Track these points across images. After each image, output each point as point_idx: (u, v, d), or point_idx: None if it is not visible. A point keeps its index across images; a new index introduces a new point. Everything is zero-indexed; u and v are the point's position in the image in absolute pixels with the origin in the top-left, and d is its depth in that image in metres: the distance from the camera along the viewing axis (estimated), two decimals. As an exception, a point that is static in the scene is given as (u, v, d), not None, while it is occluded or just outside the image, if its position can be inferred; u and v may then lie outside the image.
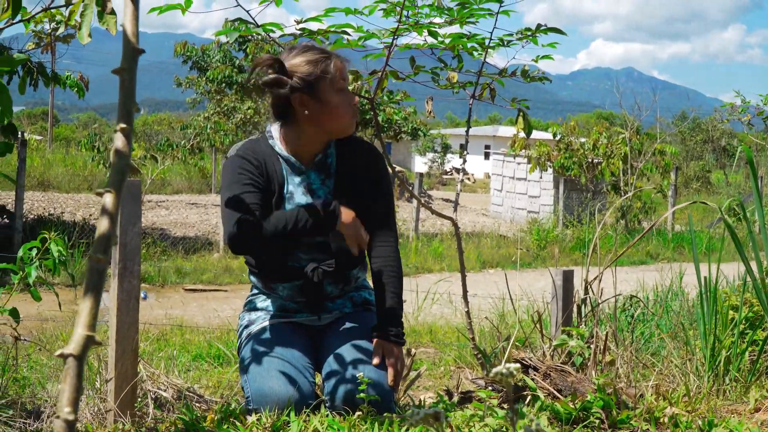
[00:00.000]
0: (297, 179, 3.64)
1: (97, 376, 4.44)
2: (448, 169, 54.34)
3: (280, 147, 3.67)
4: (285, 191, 3.63)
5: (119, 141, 1.10)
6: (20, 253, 4.43)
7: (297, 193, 3.63)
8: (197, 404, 4.30)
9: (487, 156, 54.43)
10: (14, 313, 4.49)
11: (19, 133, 14.08)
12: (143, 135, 46.60)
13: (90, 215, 18.94)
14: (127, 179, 3.97)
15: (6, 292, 4.45)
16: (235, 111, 32.77)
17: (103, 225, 1.06)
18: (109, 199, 1.07)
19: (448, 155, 55.03)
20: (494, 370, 1.52)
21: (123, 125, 1.11)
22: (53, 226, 13.82)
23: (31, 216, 17.15)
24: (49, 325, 8.17)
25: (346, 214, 3.50)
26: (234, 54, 28.52)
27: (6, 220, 15.17)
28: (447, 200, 31.11)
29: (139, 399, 4.59)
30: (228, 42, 27.69)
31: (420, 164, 55.74)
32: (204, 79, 29.52)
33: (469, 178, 50.59)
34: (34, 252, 4.47)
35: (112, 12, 2.22)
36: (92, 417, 4.09)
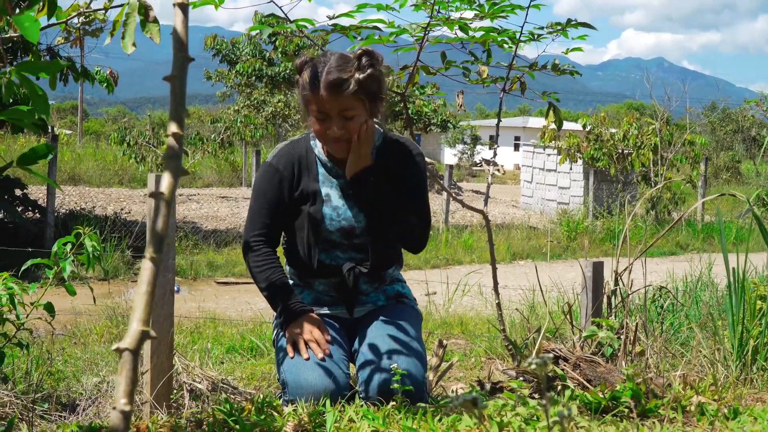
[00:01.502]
0: (334, 182, 3.69)
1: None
2: (478, 161, 54.21)
3: (319, 150, 3.74)
4: (321, 193, 3.67)
5: (171, 143, 1.15)
6: (55, 248, 4.48)
7: (334, 196, 3.68)
8: (232, 396, 4.35)
9: (516, 147, 54.31)
10: (49, 308, 4.55)
11: (50, 128, 14.21)
12: (173, 129, 46.71)
13: (121, 209, 19.06)
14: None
15: (41, 286, 4.51)
16: (264, 104, 32.90)
17: (159, 224, 1.11)
18: (163, 201, 1.12)
19: (478, 147, 54.88)
20: (528, 360, 1.56)
21: (175, 130, 1.16)
22: (85, 221, 13.96)
23: (63, 210, 17.27)
24: (83, 319, 8.26)
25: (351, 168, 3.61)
26: (264, 47, 28.58)
27: (38, 215, 15.30)
28: (477, 192, 31.09)
29: (175, 391, 4.66)
30: (258, 35, 27.78)
31: (449, 156, 55.62)
32: (234, 72, 29.64)
33: (498, 170, 50.47)
34: (68, 247, 4.52)
35: (155, 20, 2.26)
36: (129, 409, 4.14)
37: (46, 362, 4.97)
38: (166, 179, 1.15)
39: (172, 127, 1.15)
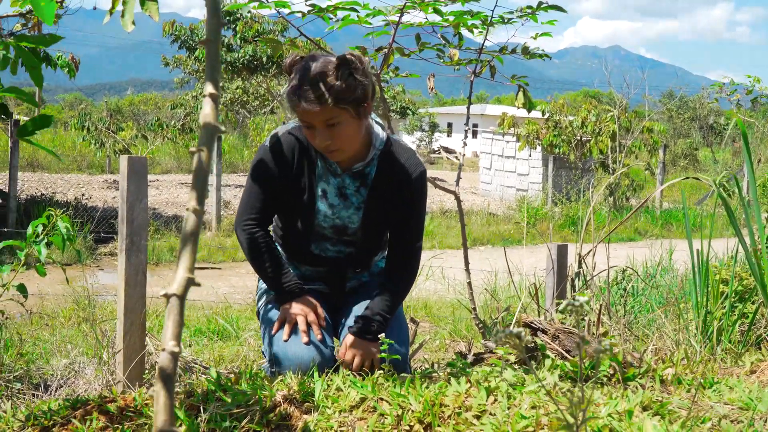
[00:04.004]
0: (332, 180, 3.64)
1: (105, 350, 4.52)
2: (436, 148, 54.33)
3: None
4: (317, 189, 3.65)
5: (207, 106, 1.21)
6: (29, 230, 4.50)
7: (330, 193, 3.65)
8: (203, 376, 4.39)
9: (474, 134, 54.45)
10: (22, 289, 4.57)
11: (10, 113, 14.11)
12: (130, 115, 46.50)
13: (82, 195, 18.97)
14: (133, 156, 4.07)
15: (13, 269, 4.53)
16: (223, 90, 32.76)
17: (199, 177, 1.18)
18: (203, 156, 1.18)
19: (436, 134, 54.98)
20: (506, 330, 1.63)
21: (211, 91, 1.23)
22: (46, 206, 13.87)
23: (24, 196, 17.18)
24: (49, 302, 8.26)
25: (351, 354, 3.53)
26: (222, 33, 28.46)
27: (0, 201, 15.23)
28: (436, 179, 31.20)
29: (147, 371, 4.70)
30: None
31: (408, 143, 55.70)
32: (192, 58, 29.45)
33: (456, 157, 50.59)
34: (39, 229, 4.55)
35: None
36: (101, 388, 4.19)
37: (16, 344, 4.99)
38: (203, 135, 1.21)
39: (209, 88, 1.21)
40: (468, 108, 5.09)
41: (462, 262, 4.96)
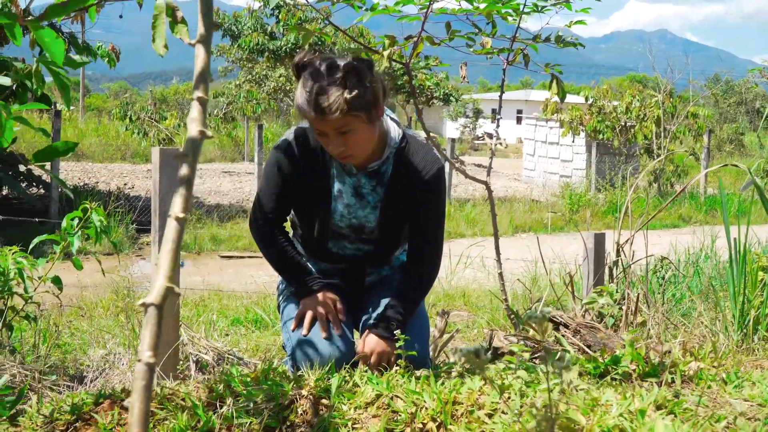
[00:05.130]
0: (348, 179, 3.61)
1: (140, 341, 4.54)
2: (480, 134, 54.16)
3: None
4: (333, 189, 3.62)
5: (195, 109, 1.20)
6: (64, 223, 4.52)
7: (346, 193, 3.61)
8: (237, 366, 4.40)
9: (519, 121, 54.17)
10: (57, 281, 4.60)
11: (52, 103, 14.24)
12: (175, 104, 46.72)
13: (125, 184, 19.12)
14: (166, 148, 4.07)
15: (48, 260, 4.56)
16: (266, 79, 32.86)
17: (182, 183, 1.16)
18: (186, 163, 1.17)
19: (480, 120, 54.81)
20: (525, 314, 1.60)
21: (199, 94, 1.21)
22: (89, 196, 14.00)
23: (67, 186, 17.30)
24: (88, 293, 8.32)
25: (369, 346, 3.50)
26: (266, 21, 28.45)
27: (42, 191, 15.35)
28: (479, 165, 31.08)
29: (181, 362, 4.72)
30: (261, 8, 27.69)
31: (452, 130, 55.49)
32: (236, 46, 29.53)
33: (501, 143, 50.40)
34: (75, 221, 4.57)
35: (183, 21, 2.30)
36: (135, 380, 4.20)
37: (53, 335, 5.02)
38: (188, 141, 1.20)
39: (197, 92, 1.20)
40: (500, 96, 5.03)
41: (502, 250, 4.90)
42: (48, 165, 15.39)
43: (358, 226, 3.67)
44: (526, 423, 1.61)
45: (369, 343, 3.48)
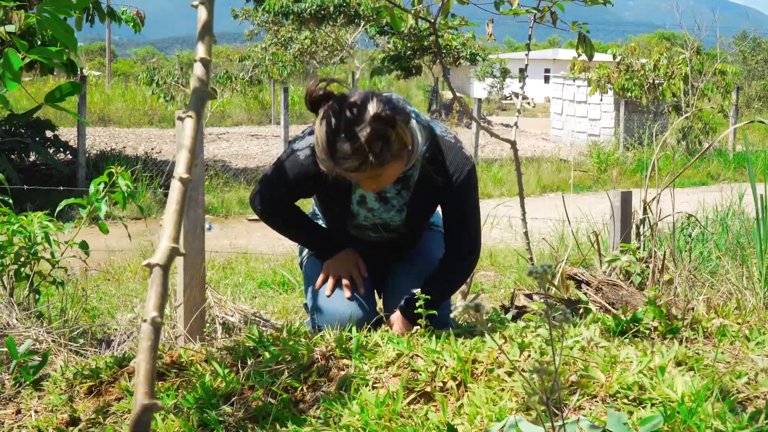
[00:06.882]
0: None
1: (167, 304, 4.56)
2: (507, 94, 53.83)
3: None
4: (354, 197, 3.50)
5: (199, 69, 1.19)
6: (91, 188, 4.54)
7: (370, 199, 3.50)
8: (263, 328, 4.41)
9: (546, 80, 53.82)
10: (84, 246, 4.62)
11: (78, 69, 14.27)
12: (202, 68, 46.61)
13: (152, 149, 19.16)
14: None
15: (75, 225, 4.58)
16: (292, 41, 32.79)
17: (185, 142, 1.16)
18: (189, 123, 1.16)
19: (507, 80, 54.42)
20: (530, 269, 1.59)
21: (203, 55, 1.20)
22: (116, 161, 14.07)
23: (94, 151, 17.38)
24: (116, 257, 8.38)
25: (398, 327, 3.43)
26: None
27: (69, 156, 15.42)
28: (506, 125, 30.93)
29: (208, 324, 4.74)
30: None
31: (479, 90, 55.15)
32: (261, 9, 29.46)
33: (528, 103, 50.12)
34: (101, 186, 4.59)
35: None
36: (162, 343, 4.22)
37: (80, 300, 5.05)
38: (192, 101, 1.19)
39: (200, 52, 1.19)
40: (527, 55, 5.00)
41: (530, 209, 4.87)
42: (74, 129, 15.46)
43: (383, 225, 3.60)
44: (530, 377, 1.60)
45: (396, 320, 3.45)
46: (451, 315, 3.68)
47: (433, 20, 4.33)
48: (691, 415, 2.13)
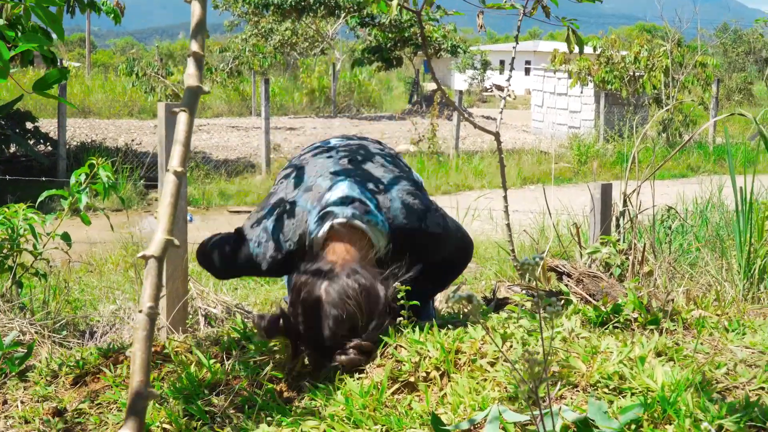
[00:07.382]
0: None
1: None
2: (488, 86, 53.83)
3: None
4: None
5: (191, 65, 1.21)
6: (72, 179, 4.54)
7: None
8: (246, 320, 4.42)
9: (527, 72, 53.79)
10: (66, 237, 4.63)
11: (58, 60, 14.22)
12: (182, 59, 46.51)
13: (132, 140, 19.10)
14: (172, 103, 4.07)
15: (57, 217, 4.58)
16: (272, 32, 32.72)
17: (179, 137, 1.18)
18: (183, 117, 1.18)
19: (488, 72, 54.41)
20: (518, 262, 1.62)
21: (195, 50, 1.22)
22: (96, 152, 14.03)
23: (74, 143, 17.33)
24: (98, 249, 8.36)
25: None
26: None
27: (50, 148, 15.38)
28: (487, 117, 30.92)
29: (190, 316, 4.76)
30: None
31: (460, 82, 55.07)
32: (241, 0, 29.40)
33: (509, 95, 50.13)
34: (83, 178, 4.59)
35: None
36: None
37: (63, 291, 5.05)
38: (186, 96, 1.21)
39: (193, 46, 1.21)
40: (514, 48, 5.01)
41: (510, 201, 4.88)
42: (54, 123, 15.39)
43: None
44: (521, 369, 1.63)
45: None
46: (445, 305, 3.69)
47: (417, 10, 4.32)
48: (670, 404, 2.16)
